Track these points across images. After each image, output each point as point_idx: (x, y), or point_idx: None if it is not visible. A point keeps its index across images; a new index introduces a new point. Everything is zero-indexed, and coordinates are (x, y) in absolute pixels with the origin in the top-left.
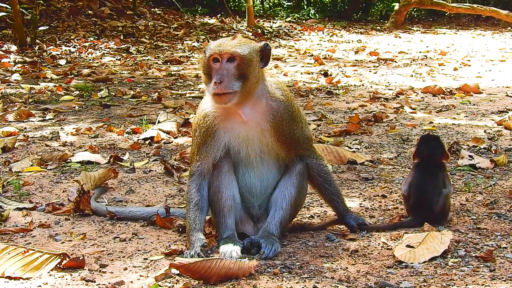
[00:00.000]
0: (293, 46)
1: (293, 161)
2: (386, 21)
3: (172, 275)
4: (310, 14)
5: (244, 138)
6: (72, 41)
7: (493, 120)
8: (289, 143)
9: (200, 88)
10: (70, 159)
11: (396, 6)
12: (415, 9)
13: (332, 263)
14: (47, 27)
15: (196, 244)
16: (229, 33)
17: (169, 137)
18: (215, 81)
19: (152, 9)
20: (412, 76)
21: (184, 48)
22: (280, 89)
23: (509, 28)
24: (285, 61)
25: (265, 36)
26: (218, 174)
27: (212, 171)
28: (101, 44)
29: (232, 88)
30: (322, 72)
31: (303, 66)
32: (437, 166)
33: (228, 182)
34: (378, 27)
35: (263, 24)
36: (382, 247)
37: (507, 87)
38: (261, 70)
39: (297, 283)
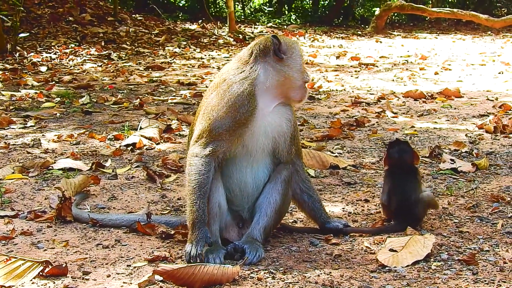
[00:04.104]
0: None
1: (280, 167)
2: (367, 26)
3: (156, 281)
4: (291, 20)
5: (264, 128)
6: (53, 47)
7: (474, 124)
8: (294, 140)
9: (182, 94)
10: (52, 166)
11: (377, 11)
12: (395, 14)
13: (315, 268)
14: (28, 34)
15: (201, 242)
16: (211, 39)
17: (152, 143)
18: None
19: (133, 15)
20: (393, 80)
21: (166, 54)
22: None
23: (489, 32)
24: None
25: (247, 42)
26: None
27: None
28: (82, 51)
29: None
30: None
31: None
32: (410, 170)
33: (215, 189)
34: (359, 32)
35: (244, 29)
36: (365, 251)
37: (487, 91)
38: None
39: None
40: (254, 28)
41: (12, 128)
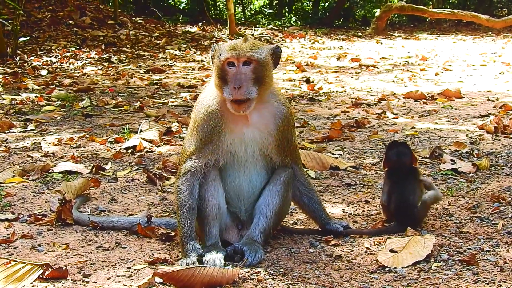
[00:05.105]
0: None
1: (279, 169)
2: (367, 27)
3: (156, 284)
4: (292, 21)
5: (243, 140)
6: (53, 51)
7: (474, 124)
8: (285, 149)
9: (182, 97)
10: (52, 170)
11: (377, 12)
12: (396, 15)
13: (315, 269)
14: (28, 37)
15: (192, 254)
16: (211, 41)
17: (152, 146)
18: (234, 86)
19: (133, 18)
20: (394, 81)
21: (166, 56)
22: (281, 95)
23: (490, 32)
24: None
25: None
26: (204, 182)
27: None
28: (82, 54)
29: (250, 94)
30: (304, 79)
31: (285, 73)
32: (409, 171)
33: (214, 191)
34: (360, 33)
35: (245, 31)
36: (365, 252)
37: (488, 91)
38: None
39: None
40: (255, 30)
41: (13, 132)
